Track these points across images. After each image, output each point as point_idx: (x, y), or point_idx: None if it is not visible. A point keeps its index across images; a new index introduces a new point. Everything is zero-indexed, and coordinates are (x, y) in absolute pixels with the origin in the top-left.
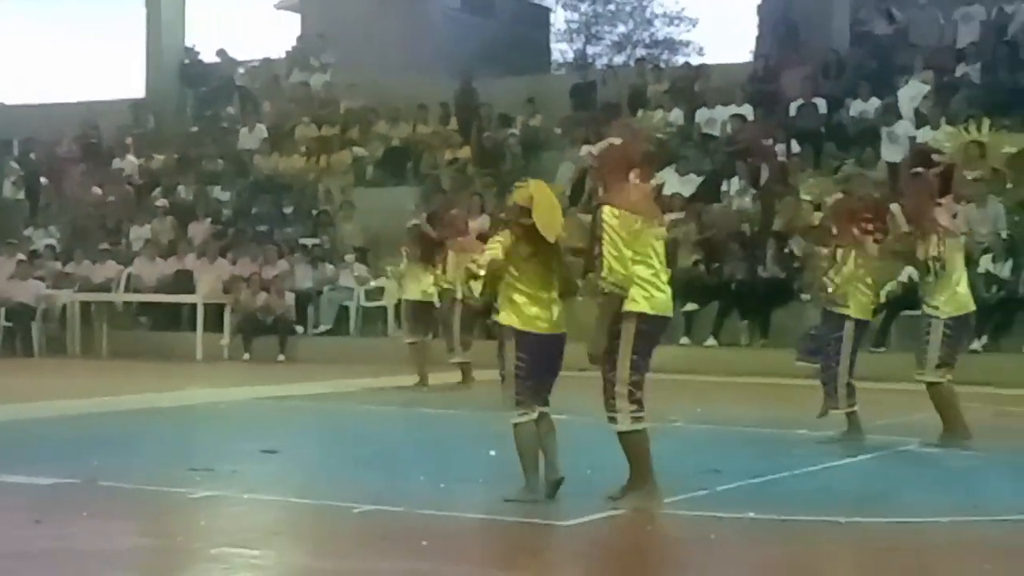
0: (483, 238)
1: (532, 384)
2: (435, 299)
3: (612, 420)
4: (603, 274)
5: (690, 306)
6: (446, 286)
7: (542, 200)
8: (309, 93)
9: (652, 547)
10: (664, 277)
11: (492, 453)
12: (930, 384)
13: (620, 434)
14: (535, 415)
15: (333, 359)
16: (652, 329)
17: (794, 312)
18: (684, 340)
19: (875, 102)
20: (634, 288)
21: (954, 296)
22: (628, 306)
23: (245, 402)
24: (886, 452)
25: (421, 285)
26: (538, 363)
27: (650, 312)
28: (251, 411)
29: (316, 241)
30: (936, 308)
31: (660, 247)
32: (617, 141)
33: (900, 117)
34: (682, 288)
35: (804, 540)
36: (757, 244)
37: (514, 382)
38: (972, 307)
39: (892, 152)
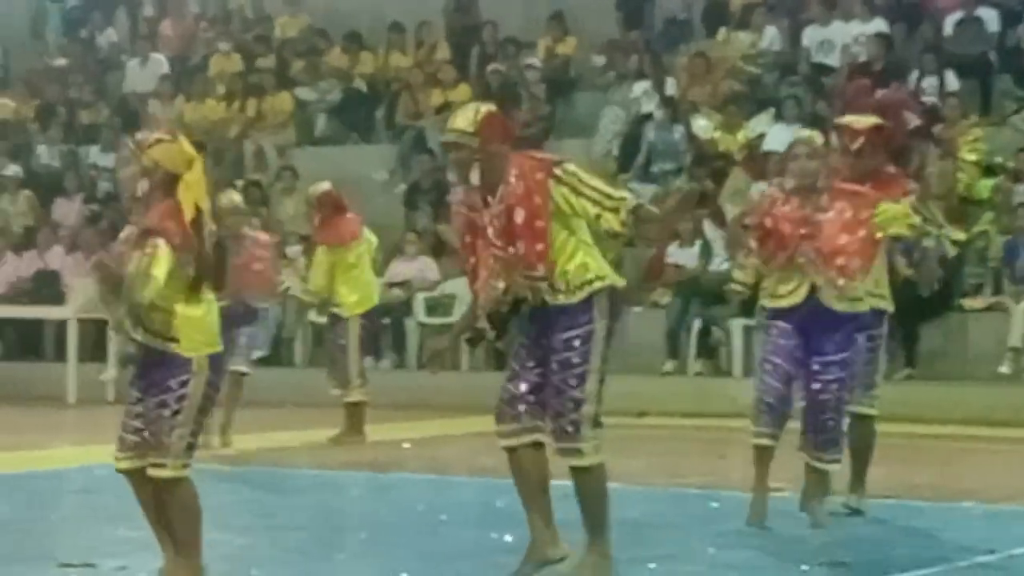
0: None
1: None
2: None
3: (575, 453)
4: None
5: None
6: None
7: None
8: (227, 8)
9: None
10: None
11: (508, 539)
12: None
13: (582, 471)
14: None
15: (270, 400)
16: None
17: (955, 329)
18: None
19: None
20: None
21: None
22: (602, 281)
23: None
24: None
25: None
26: None
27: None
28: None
29: None
30: None
31: None
32: None
33: None
34: None
35: None
36: None
37: None
38: None
39: None
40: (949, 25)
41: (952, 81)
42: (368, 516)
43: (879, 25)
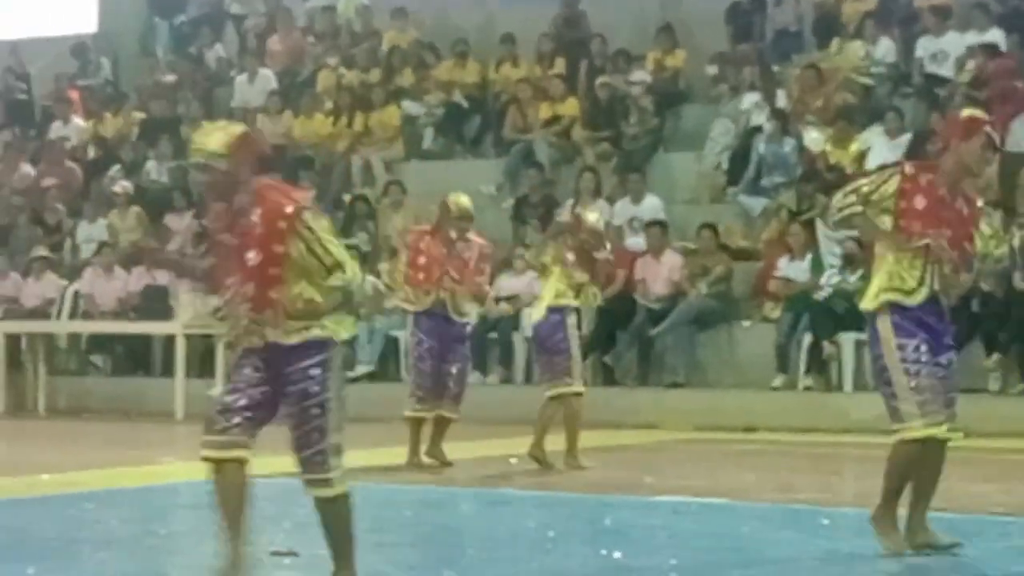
0: (599, 236)
1: None
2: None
3: (323, 483)
4: None
5: None
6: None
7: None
8: (336, 23)
9: None
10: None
11: (617, 555)
12: None
13: (328, 501)
14: None
15: (379, 414)
16: None
17: None
18: None
19: None
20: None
21: None
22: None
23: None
24: None
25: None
26: None
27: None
28: (256, 494)
29: (350, 241)
30: None
31: None
32: None
33: None
34: None
35: None
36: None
37: None
38: None
39: None
40: None
41: None
42: (477, 532)
43: (995, 35)
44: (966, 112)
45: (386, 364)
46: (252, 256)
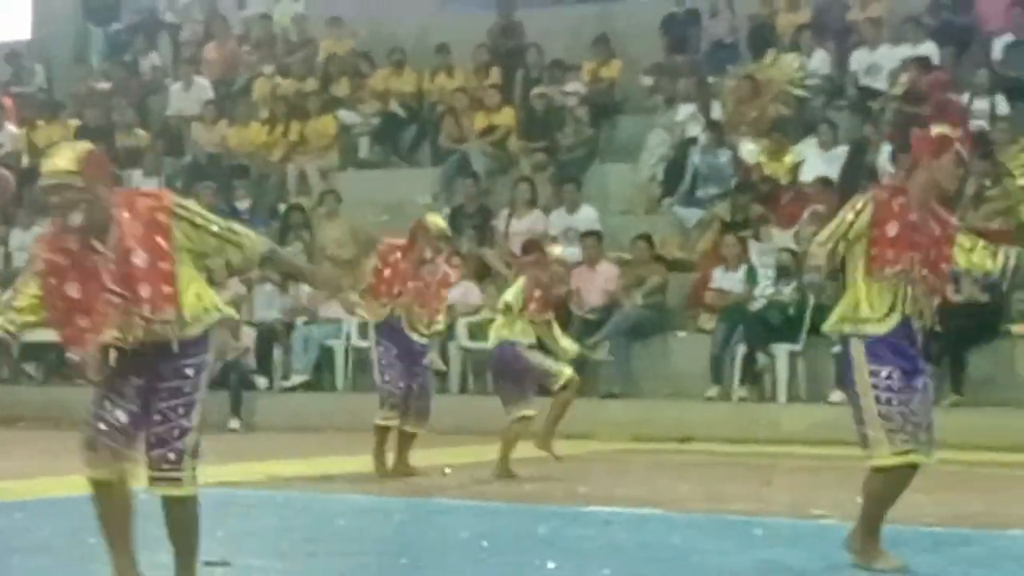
0: (533, 246)
1: None
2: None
3: (174, 482)
4: None
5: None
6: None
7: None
8: (272, 32)
9: None
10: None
11: (551, 566)
12: None
13: (177, 500)
14: None
15: (311, 425)
16: None
17: (1003, 354)
18: (834, 398)
19: None
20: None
21: None
22: (218, 313)
23: None
24: None
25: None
26: None
27: None
28: None
29: (286, 249)
30: None
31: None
32: None
33: None
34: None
35: None
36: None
37: None
38: None
39: None
40: (998, 48)
41: (1002, 105)
42: (409, 542)
43: (928, 49)
44: (936, 129)
45: (321, 374)
46: (140, 257)
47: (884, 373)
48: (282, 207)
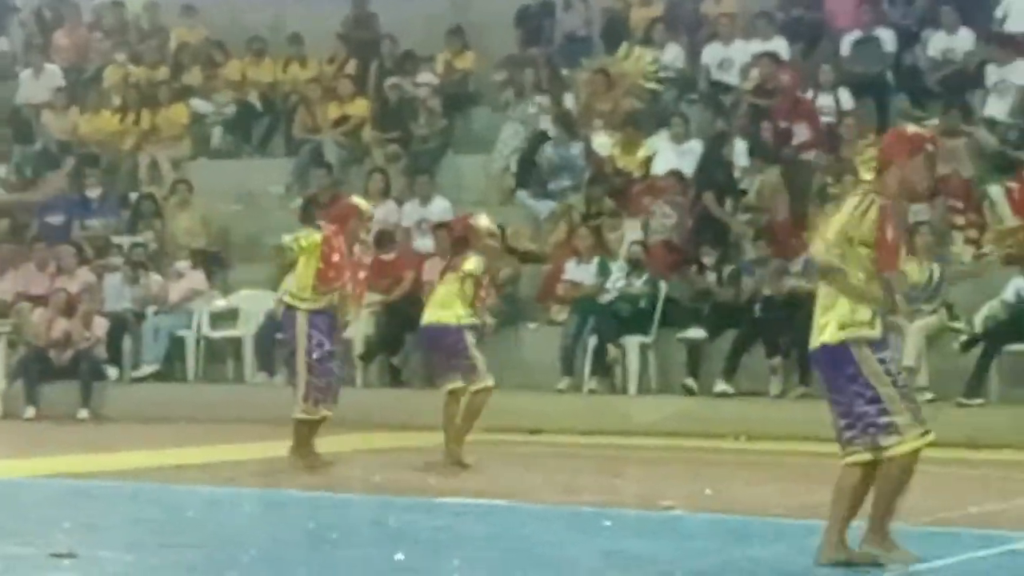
0: (388, 238)
1: None
2: None
3: None
4: None
5: (693, 332)
6: None
7: None
8: (123, 19)
9: None
10: None
11: (399, 557)
12: None
13: None
14: None
15: (162, 415)
16: None
17: None
18: (688, 382)
19: (967, 36)
20: None
21: None
22: None
23: (26, 482)
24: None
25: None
26: None
27: None
28: (35, 495)
29: (136, 240)
30: None
31: None
32: None
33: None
34: (684, 308)
35: None
36: (790, 243)
37: None
38: None
39: (996, 108)
40: (847, 44)
41: (847, 100)
42: (258, 533)
43: (779, 44)
44: (909, 129)
45: (171, 364)
46: None
47: (888, 358)
48: (133, 196)
